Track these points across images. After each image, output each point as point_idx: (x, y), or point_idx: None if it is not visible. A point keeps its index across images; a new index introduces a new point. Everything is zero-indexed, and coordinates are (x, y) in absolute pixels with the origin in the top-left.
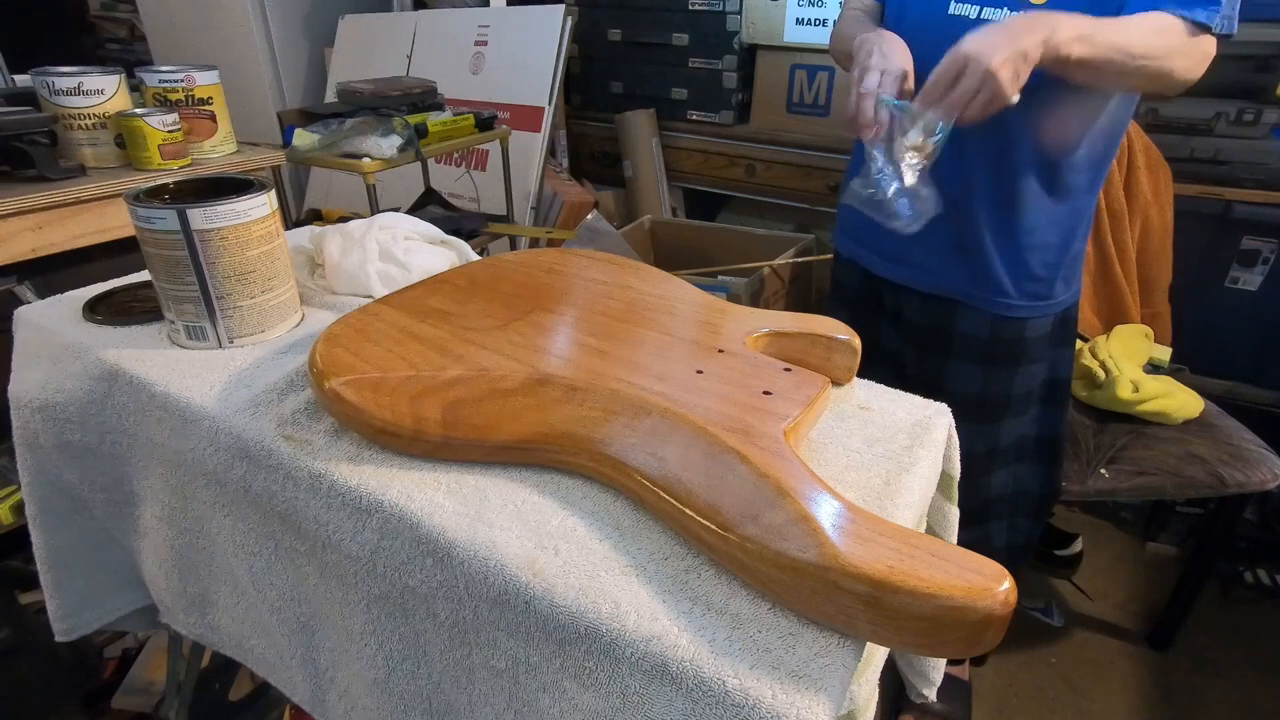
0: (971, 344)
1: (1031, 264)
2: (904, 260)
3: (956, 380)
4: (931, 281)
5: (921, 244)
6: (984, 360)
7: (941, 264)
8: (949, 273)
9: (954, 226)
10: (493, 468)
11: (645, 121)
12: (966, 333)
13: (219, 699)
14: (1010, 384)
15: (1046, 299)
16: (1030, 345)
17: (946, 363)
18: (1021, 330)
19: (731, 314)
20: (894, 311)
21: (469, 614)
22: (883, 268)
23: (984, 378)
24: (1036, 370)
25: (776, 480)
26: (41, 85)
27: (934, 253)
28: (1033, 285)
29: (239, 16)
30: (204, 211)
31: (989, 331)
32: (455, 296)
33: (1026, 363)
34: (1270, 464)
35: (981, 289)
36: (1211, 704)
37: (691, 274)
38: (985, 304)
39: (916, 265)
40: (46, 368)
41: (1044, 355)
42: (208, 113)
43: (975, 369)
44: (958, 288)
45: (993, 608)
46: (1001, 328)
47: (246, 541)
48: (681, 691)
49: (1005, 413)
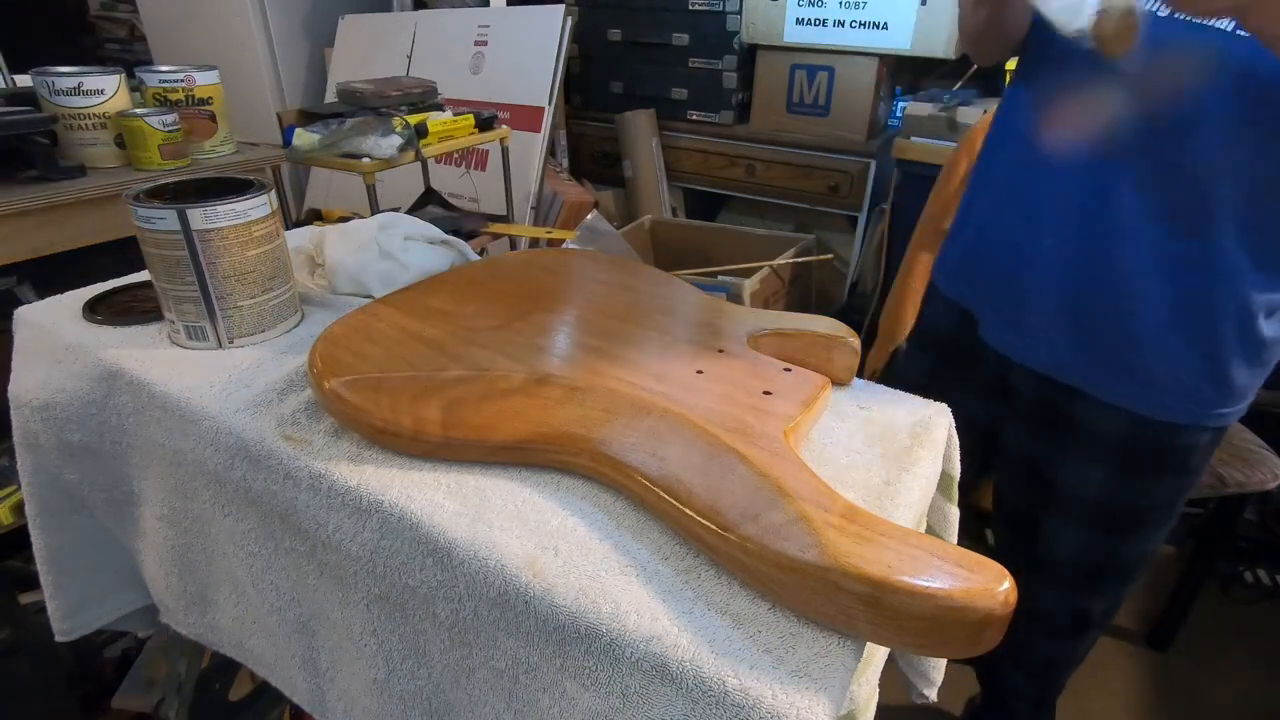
0: (1098, 440)
1: (1209, 358)
2: (1009, 325)
3: (1072, 478)
4: (1045, 358)
5: (1036, 307)
6: (1116, 464)
7: (1063, 339)
8: (1071, 352)
9: (1082, 288)
10: (493, 468)
11: (645, 121)
12: (1091, 426)
13: (219, 699)
14: (1148, 497)
15: (1214, 409)
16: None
17: (1063, 455)
18: (1173, 438)
19: (731, 314)
20: (998, 377)
21: (469, 614)
22: (991, 331)
23: (1112, 484)
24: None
25: (776, 480)
26: (41, 85)
27: (1050, 321)
28: (1197, 389)
29: (239, 16)
30: (204, 211)
31: (1127, 428)
32: (455, 296)
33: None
34: (1270, 464)
35: (1119, 380)
36: (1211, 704)
37: (691, 274)
38: (1124, 399)
39: (1023, 332)
40: (46, 368)
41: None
42: (208, 113)
43: (1098, 471)
44: (1077, 372)
45: (993, 608)
46: (1143, 429)
47: (246, 541)
48: (681, 691)
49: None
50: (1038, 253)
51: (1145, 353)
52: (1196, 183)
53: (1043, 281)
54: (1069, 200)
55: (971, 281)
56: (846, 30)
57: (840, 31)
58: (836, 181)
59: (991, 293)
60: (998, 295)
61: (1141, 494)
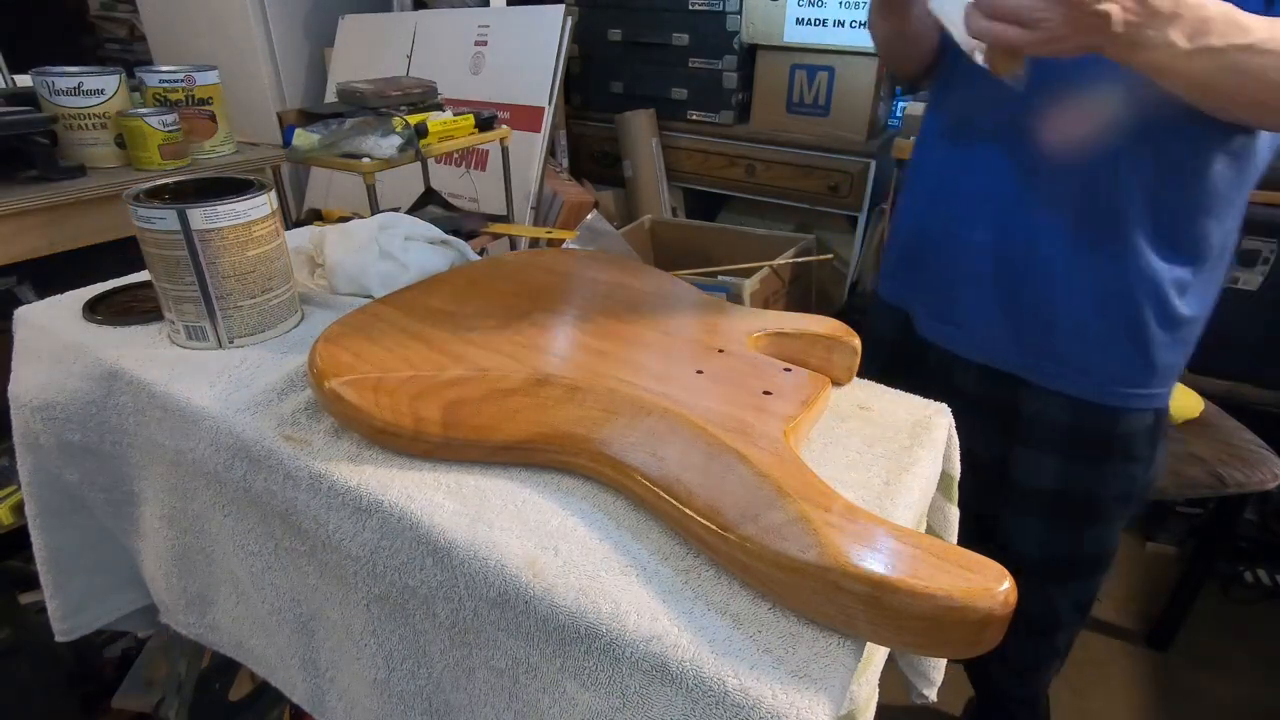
0: (1045, 430)
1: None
2: (946, 318)
3: (1025, 471)
4: (981, 349)
5: (969, 299)
6: (1063, 452)
7: (996, 329)
8: (1005, 341)
9: (1009, 278)
10: (493, 468)
11: (645, 121)
12: (1037, 416)
13: (219, 699)
14: (1100, 485)
15: (1142, 389)
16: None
17: (1013, 448)
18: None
19: (731, 314)
20: (943, 377)
21: (469, 614)
22: (924, 326)
23: (1065, 473)
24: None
25: (776, 480)
26: (41, 85)
27: (984, 312)
28: (1125, 369)
29: (239, 16)
30: (204, 211)
31: (1071, 416)
32: (455, 296)
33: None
34: (1270, 464)
35: (1052, 364)
36: (1211, 704)
37: (691, 274)
38: (1060, 384)
39: (960, 324)
40: (46, 368)
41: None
42: (208, 113)
43: (1049, 460)
44: (1015, 360)
45: (993, 608)
46: (1085, 415)
47: (246, 541)
48: (681, 691)
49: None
50: (967, 249)
51: (1073, 338)
52: (1099, 173)
53: (973, 275)
54: (990, 197)
55: (908, 283)
56: (846, 30)
57: (840, 31)
58: (836, 181)
59: (927, 290)
60: (933, 291)
61: (1094, 482)
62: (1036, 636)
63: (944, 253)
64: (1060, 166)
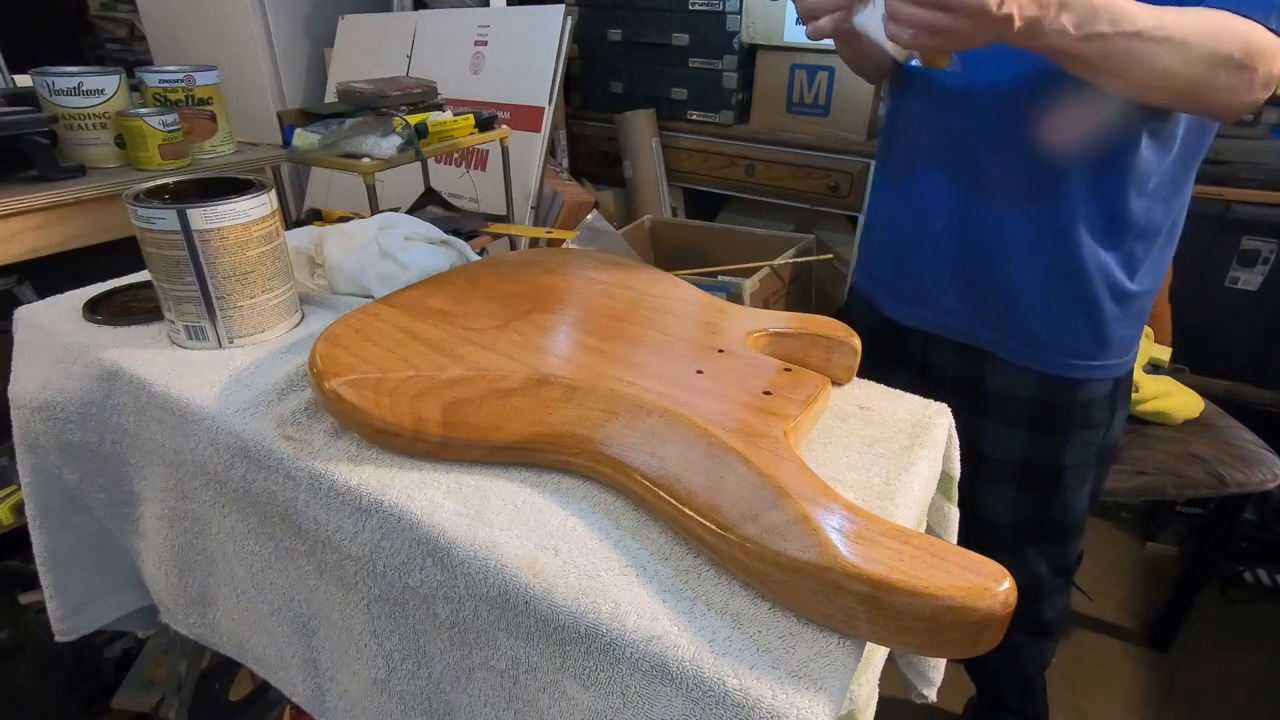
0: (1012, 402)
1: (1081, 316)
2: (916, 300)
3: (994, 444)
4: (950, 325)
5: (934, 280)
6: (1027, 424)
7: (961, 306)
8: (970, 318)
9: (969, 260)
10: (493, 468)
11: (645, 121)
12: (1004, 390)
13: (219, 699)
14: (1062, 452)
15: (1099, 360)
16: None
17: (983, 423)
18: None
19: (731, 314)
20: (919, 362)
21: (469, 614)
22: (894, 309)
23: (1030, 443)
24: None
25: (776, 480)
26: (41, 85)
27: (948, 292)
28: (1081, 343)
29: (239, 16)
30: (204, 211)
31: (1033, 389)
32: (455, 296)
33: (1080, 429)
34: (1270, 464)
35: (1014, 340)
36: (1211, 704)
37: (691, 274)
38: (1023, 358)
39: (929, 304)
40: (46, 368)
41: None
42: (208, 113)
43: (1017, 433)
44: (980, 335)
45: (992, 608)
46: (1047, 389)
47: (246, 541)
48: (681, 691)
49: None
50: (929, 235)
51: (1030, 314)
52: (1041, 153)
53: (936, 258)
54: (947, 195)
55: (880, 270)
56: None
57: None
58: (836, 181)
59: (895, 274)
60: (901, 275)
61: (1057, 450)
62: (1022, 604)
63: (910, 240)
64: (1005, 163)
